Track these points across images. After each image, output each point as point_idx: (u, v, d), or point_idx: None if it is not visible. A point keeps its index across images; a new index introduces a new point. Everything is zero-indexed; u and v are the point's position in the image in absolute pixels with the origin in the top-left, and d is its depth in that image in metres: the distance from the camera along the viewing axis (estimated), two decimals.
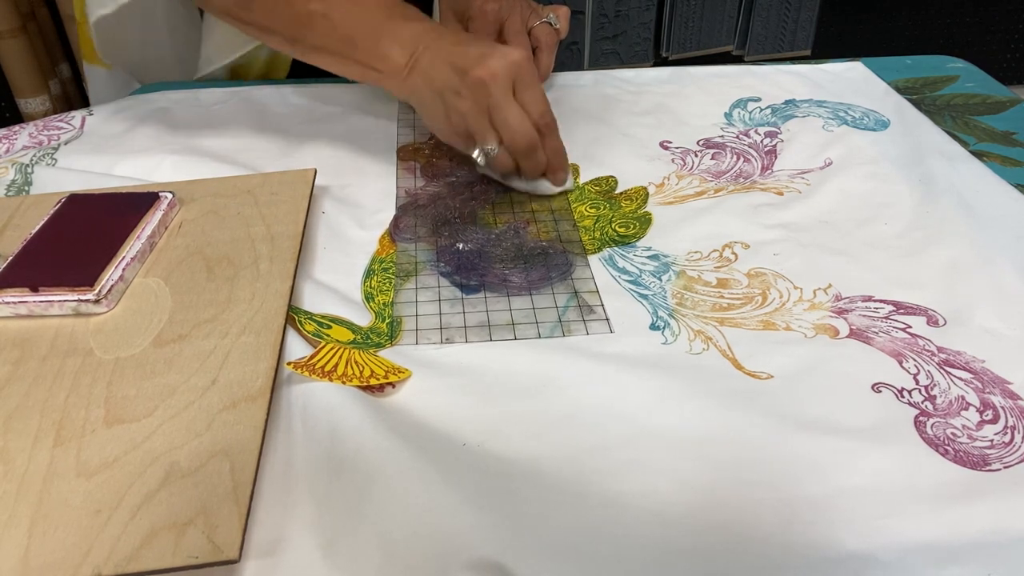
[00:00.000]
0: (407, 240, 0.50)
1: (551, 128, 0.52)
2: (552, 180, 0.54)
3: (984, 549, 0.31)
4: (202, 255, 0.46)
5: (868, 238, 0.50)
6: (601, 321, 0.43)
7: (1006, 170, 0.57)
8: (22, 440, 0.34)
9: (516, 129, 0.50)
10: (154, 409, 0.36)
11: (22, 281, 0.42)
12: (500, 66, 0.49)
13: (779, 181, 0.56)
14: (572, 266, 0.48)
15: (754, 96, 0.69)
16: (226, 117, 0.65)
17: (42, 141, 0.61)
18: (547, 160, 0.53)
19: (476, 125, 0.51)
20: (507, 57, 0.50)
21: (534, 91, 0.51)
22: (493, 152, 0.52)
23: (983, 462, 0.35)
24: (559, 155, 0.53)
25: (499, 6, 0.65)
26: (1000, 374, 0.39)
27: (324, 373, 0.38)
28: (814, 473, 0.34)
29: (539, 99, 0.51)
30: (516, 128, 0.50)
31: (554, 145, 0.53)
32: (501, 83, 0.49)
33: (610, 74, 0.73)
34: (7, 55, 1.58)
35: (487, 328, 0.43)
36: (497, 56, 0.49)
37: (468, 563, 0.30)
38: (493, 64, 0.49)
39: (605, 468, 0.35)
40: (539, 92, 0.51)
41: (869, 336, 0.42)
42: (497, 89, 0.49)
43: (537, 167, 0.53)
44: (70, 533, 0.30)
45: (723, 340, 0.42)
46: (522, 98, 0.51)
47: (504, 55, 0.50)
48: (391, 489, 0.33)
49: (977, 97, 0.68)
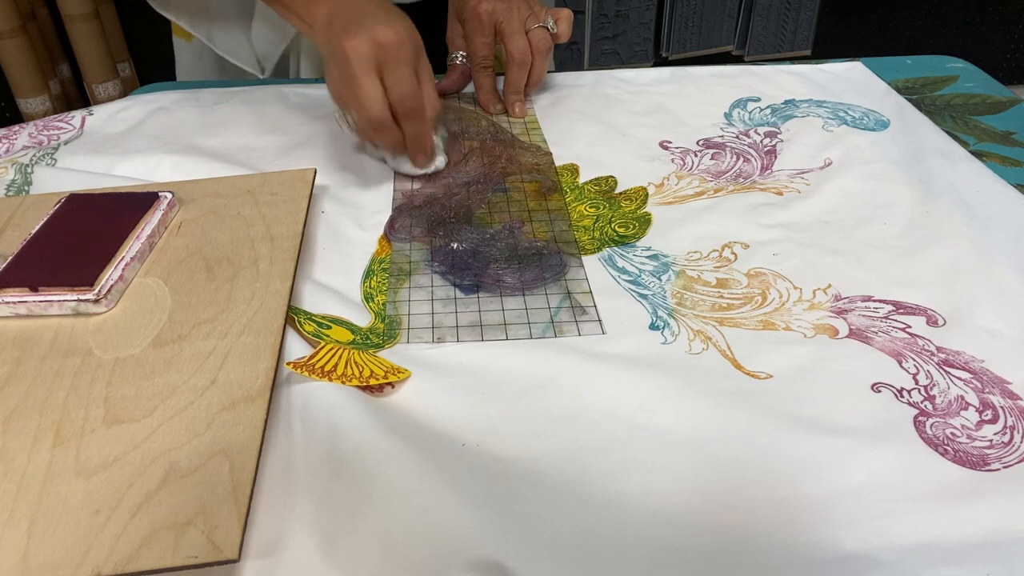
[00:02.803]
0: (402, 240, 0.50)
1: (411, 112, 0.53)
2: (413, 161, 0.56)
3: (983, 549, 0.31)
4: (202, 255, 0.46)
5: (868, 238, 0.50)
6: (593, 322, 0.43)
7: (1006, 170, 0.57)
8: (22, 440, 0.34)
9: (364, 106, 0.52)
10: (154, 409, 0.36)
11: (22, 281, 0.42)
12: (362, 42, 0.51)
13: (779, 181, 0.56)
14: (566, 267, 0.48)
15: (754, 96, 0.69)
16: (226, 117, 0.65)
17: (42, 141, 0.61)
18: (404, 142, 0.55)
19: (337, 94, 0.54)
20: (374, 35, 0.51)
21: (398, 73, 0.52)
22: (352, 121, 0.54)
23: (982, 462, 0.35)
24: (416, 140, 0.55)
25: (493, 7, 0.65)
26: (1000, 374, 0.39)
27: (323, 373, 0.38)
28: (813, 473, 0.34)
29: (401, 81, 0.52)
30: (364, 105, 0.52)
31: (412, 130, 0.54)
32: (361, 59, 0.51)
33: (610, 74, 0.73)
34: (7, 55, 1.58)
35: (479, 328, 0.43)
36: (365, 32, 0.51)
37: (468, 563, 0.30)
38: (357, 39, 0.51)
39: (605, 468, 0.35)
40: (403, 74, 0.52)
41: (868, 336, 0.42)
42: (355, 63, 0.51)
43: (391, 145, 0.55)
44: (69, 533, 0.30)
45: (723, 340, 0.42)
46: (385, 77, 0.52)
47: (372, 33, 0.51)
48: (390, 489, 0.33)
49: (977, 97, 0.68)
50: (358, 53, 0.51)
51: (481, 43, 0.66)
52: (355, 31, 0.51)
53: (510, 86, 0.66)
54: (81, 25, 1.62)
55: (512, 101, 0.66)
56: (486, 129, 0.64)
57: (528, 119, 0.66)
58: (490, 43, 0.66)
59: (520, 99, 0.67)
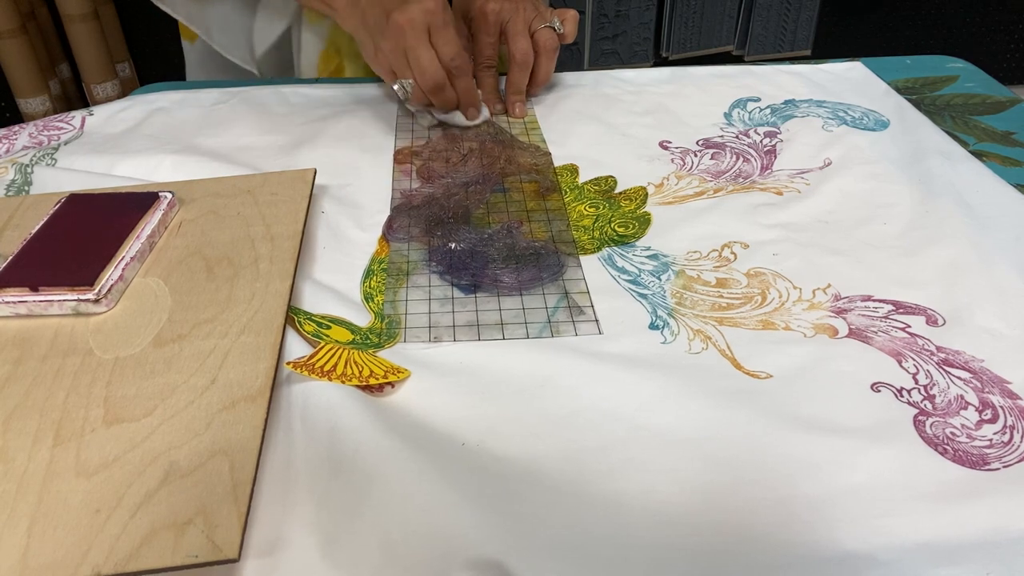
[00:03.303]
0: (400, 240, 0.50)
1: (461, 70, 0.60)
2: (464, 115, 0.63)
3: (983, 548, 0.31)
4: (202, 255, 0.46)
5: (867, 238, 0.50)
6: (590, 322, 0.43)
7: (1006, 170, 0.57)
8: (22, 440, 0.34)
9: (425, 69, 0.58)
10: (154, 409, 0.36)
11: (22, 281, 0.42)
12: (416, 11, 0.57)
13: (779, 181, 0.56)
14: (564, 267, 0.48)
15: (754, 96, 0.69)
16: (226, 117, 0.65)
17: (42, 141, 0.61)
18: (457, 97, 0.62)
19: (395, 63, 0.60)
20: (422, 4, 0.57)
21: (445, 35, 0.58)
22: (409, 87, 0.60)
23: (982, 461, 0.35)
24: (468, 94, 0.62)
25: (500, 7, 0.65)
26: (999, 374, 0.39)
27: (323, 373, 0.38)
28: (813, 473, 0.34)
29: (450, 43, 0.59)
30: (425, 68, 0.58)
31: (463, 85, 0.61)
32: (416, 28, 0.57)
33: (610, 74, 0.73)
34: (7, 55, 1.58)
35: (476, 328, 0.43)
36: (414, 3, 0.57)
37: (468, 563, 0.30)
38: (411, 10, 0.57)
39: (604, 467, 0.35)
40: (450, 36, 0.59)
41: (868, 336, 0.42)
42: (412, 33, 0.57)
43: (446, 103, 0.62)
44: (69, 532, 0.30)
45: (722, 340, 0.42)
46: (435, 41, 0.58)
47: (421, 4, 0.57)
48: (390, 489, 0.33)
49: (977, 97, 0.68)
50: (413, 24, 0.56)
51: (486, 43, 0.66)
52: (404, 6, 0.57)
53: (511, 86, 0.66)
54: (81, 25, 1.62)
55: (513, 101, 0.66)
56: (485, 130, 0.64)
57: (528, 119, 0.66)
58: (495, 43, 0.66)
59: (521, 99, 0.67)
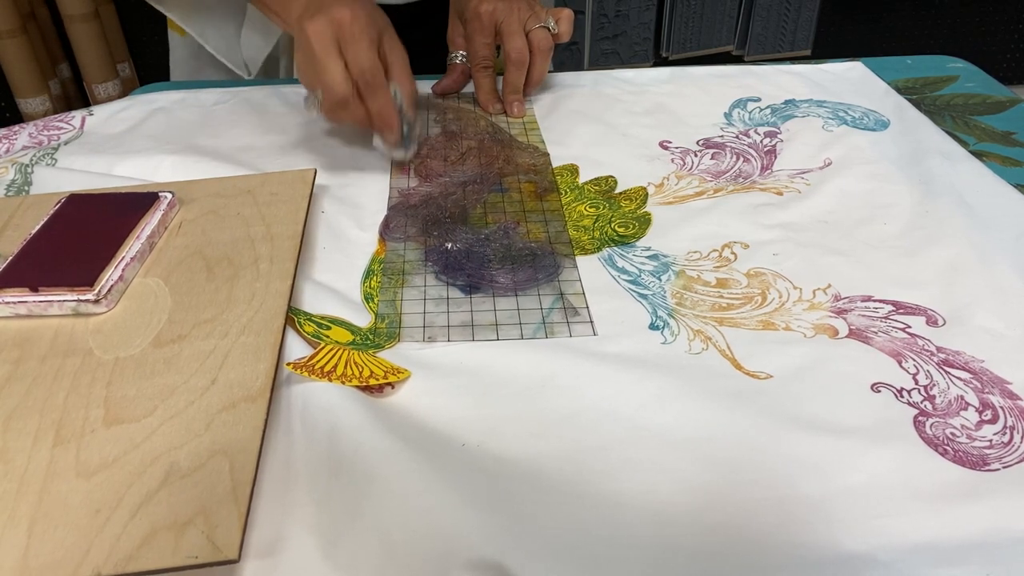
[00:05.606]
0: (397, 240, 0.50)
1: (370, 86, 0.54)
2: (381, 137, 0.57)
3: (983, 549, 0.31)
4: (202, 255, 0.46)
5: (868, 238, 0.50)
6: (585, 323, 0.43)
7: (1006, 170, 0.57)
8: (22, 440, 0.34)
9: (326, 82, 0.54)
10: (154, 409, 0.36)
11: (22, 281, 0.42)
12: (321, 22, 0.53)
13: (779, 181, 0.56)
14: (559, 268, 0.48)
15: (754, 96, 0.69)
16: (226, 117, 0.65)
17: (42, 141, 0.61)
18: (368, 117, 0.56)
19: (305, 75, 0.56)
20: (331, 15, 0.53)
21: (356, 48, 0.53)
22: (318, 100, 0.55)
23: (982, 462, 0.35)
24: (380, 117, 0.55)
25: (494, 7, 0.65)
26: (999, 374, 0.39)
27: (323, 373, 0.38)
28: (813, 473, 0.34)
29: (359, 55, 0.53)
30: (327, 82, 0.54)
31: (376, 104, 0.55)
32: (322, 39, 0.53)
33: (610, 74, 0.73)
34: (7, 55, 1.58)
35: (470, 328, 0.43)
36: (323, 14, 0.53)
37: (468, 563, 0.30)
38: (317, 21, 0.53)
39: (605, 468, 0.35)
40: (361, 49, 0.53)
41: (868, 336, 0.42)
42: (316, 43, 0.53)
43: (355, 120, 0.56)
44: (70, 533, 0.30)
45: (722, 340, 0.42)
46: (345, 53, 0.54)
47: (330, 13, 0.53)
48: (390, 489, 0.33)
49: (977, 97, 0.68)
50: (318, 34, 0.53)
51: (481, 43, 0.66)
52: (315, 14, 0.53)
53: (508, 86, 0.66)
54: (81, 25, 1.62)
55: (510, 101, 0.66)
56: (484, 129, 0.64)
57: (527, 119, 0.66)
58: (490, 43, 0.66)
59: (519, 99, 0.67)
